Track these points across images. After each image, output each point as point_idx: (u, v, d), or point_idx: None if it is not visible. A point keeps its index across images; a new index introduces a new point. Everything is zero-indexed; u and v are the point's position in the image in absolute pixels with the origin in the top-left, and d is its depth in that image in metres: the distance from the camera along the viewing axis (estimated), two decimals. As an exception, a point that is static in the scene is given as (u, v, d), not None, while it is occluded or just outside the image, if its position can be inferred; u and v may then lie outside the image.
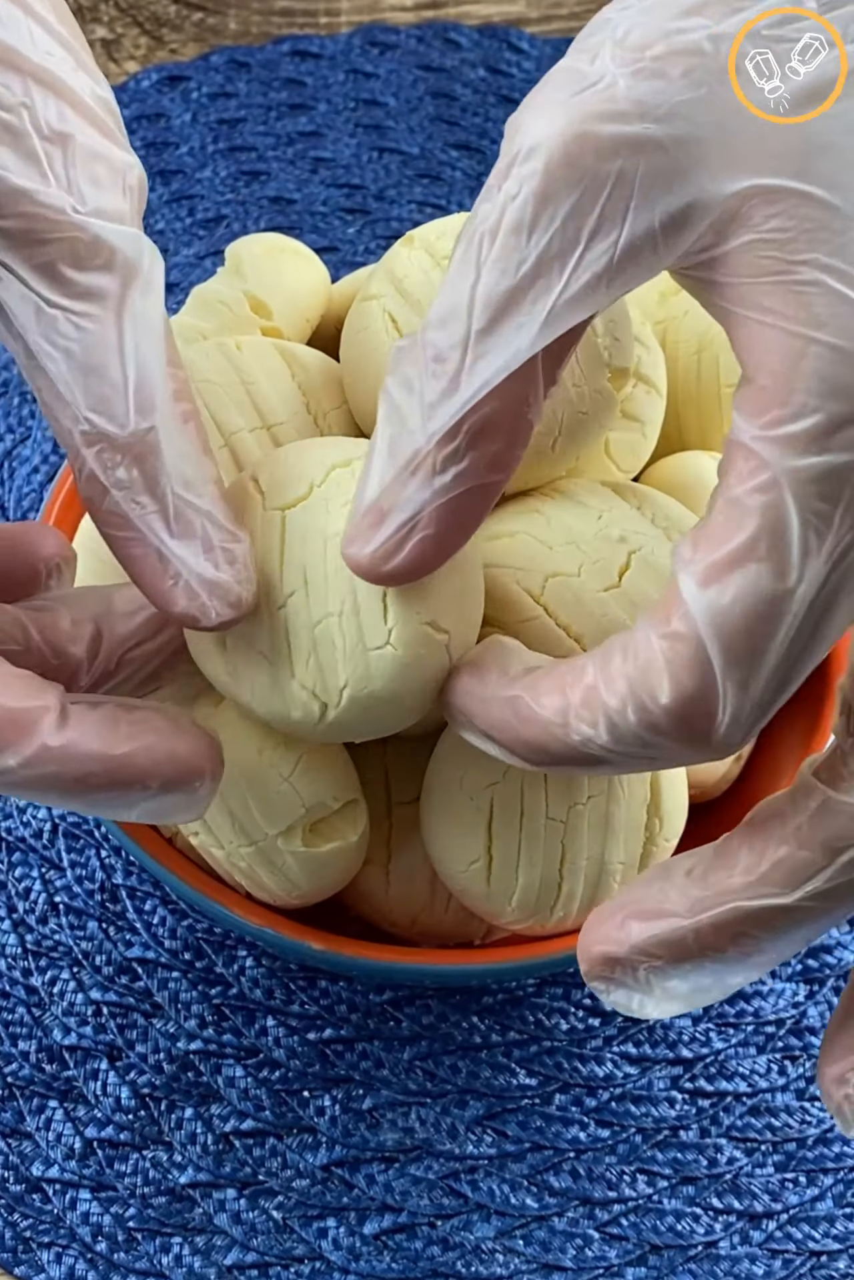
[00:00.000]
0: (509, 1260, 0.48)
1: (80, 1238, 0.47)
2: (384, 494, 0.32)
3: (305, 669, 0.35)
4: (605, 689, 0.31)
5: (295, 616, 0.35)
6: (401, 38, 0.77)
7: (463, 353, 0.31)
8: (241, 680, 0.36)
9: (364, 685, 0.35)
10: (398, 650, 0.35)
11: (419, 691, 0.36)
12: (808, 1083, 0.51)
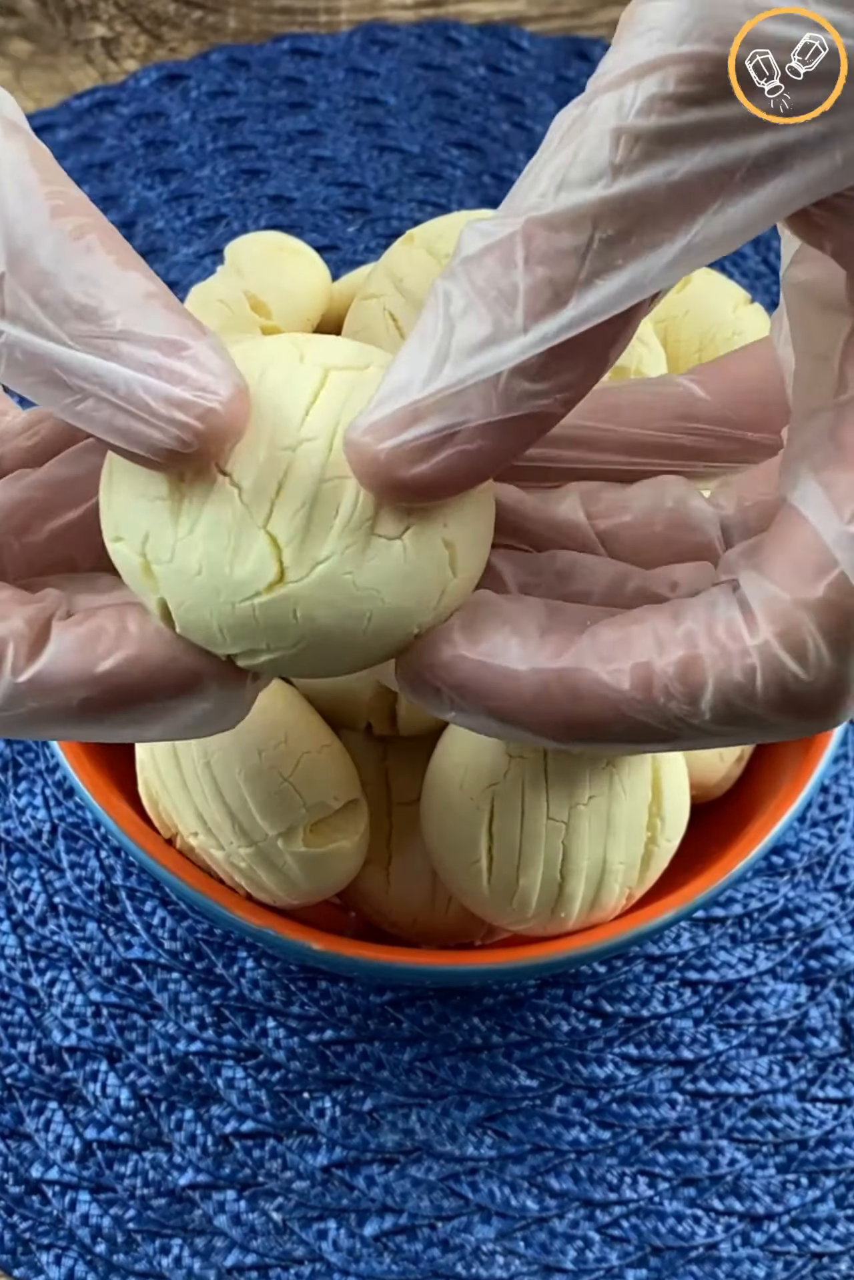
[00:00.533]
0: (509, 1262, 0.47)
1: (80, 1239, 0.47)
2: (428, 395, 0.27)
3: (287, 520, 0.28)
4: (720, 659, 0.28)
5: (304, 462, 0.29)
6: (402, 36, 0.77)
7: (581, 261, 0.26)
8: (185, 515, 0.29)
9: (347, 569, 0.28)
10: (408, 551, 0.29)
11: (390, 614, 0.29)
12: (809, 1084, 0.51)
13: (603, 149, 0.26)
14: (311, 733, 0.44)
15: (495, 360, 0.26)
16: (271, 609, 0.28)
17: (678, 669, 0.28)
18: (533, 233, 0.26)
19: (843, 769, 0.56)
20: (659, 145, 0.26)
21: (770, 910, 0.53)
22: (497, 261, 0.26)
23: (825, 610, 0.27)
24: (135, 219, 0.70)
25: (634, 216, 0.26)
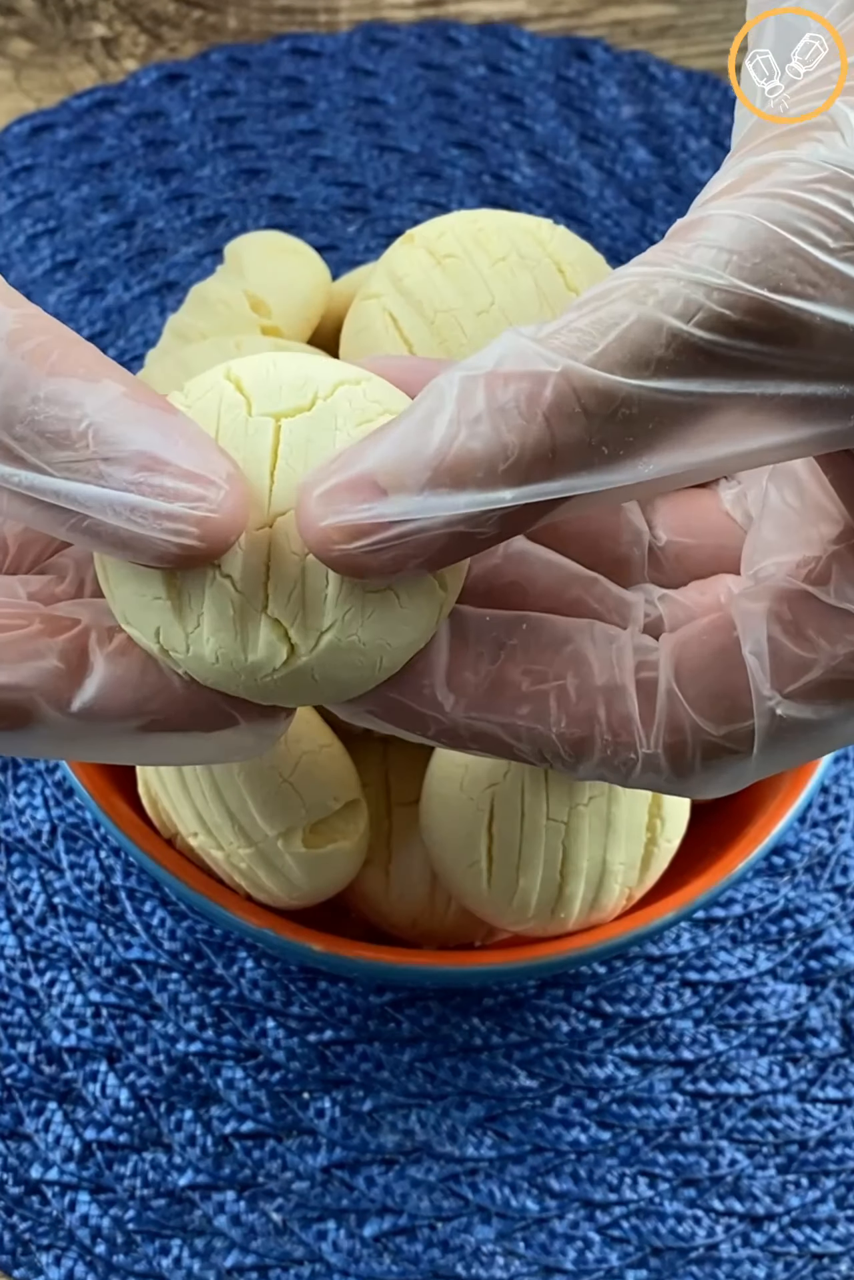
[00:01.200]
0: (509, 1263, 0.47)
1: (79, 1240, 0.47)
2: (396, 470, 0.26)
3: (284, 603, 0.29)
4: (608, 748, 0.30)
5: (284, 540, 0.29)
6: (402, 36, 0.77)
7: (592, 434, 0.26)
8: (189, 611, 0.29)
9: (351, 631, 0.29)
10: (401, 595, 0.29)
11: (400, 650, 0.30)
12: (810, 1084, 0.51)
13: (656, 340, 0.26)
14: (311, 733, 0.44)
15: (477, 502, 0.26)
16: (291, 680, 0.29)
17: (571, 744, 0.30)
18: (562, 383, 0.26)
19: (843, 769, 0.56)
20: (707, 362, 0.26)
21: (770, 910, 0.53)
22: (523, 393, 0.26)
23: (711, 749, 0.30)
24: (135, 219, 0.70)
25: (656, 418, 0.26)
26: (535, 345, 0.26)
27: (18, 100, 0.74)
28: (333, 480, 0.27)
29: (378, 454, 0.27)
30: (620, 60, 0.76)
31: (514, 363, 0.26)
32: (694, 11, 0.78)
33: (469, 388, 0.26)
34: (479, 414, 0.26)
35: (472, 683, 0.30)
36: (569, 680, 0.30)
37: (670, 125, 0.74)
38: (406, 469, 0.26)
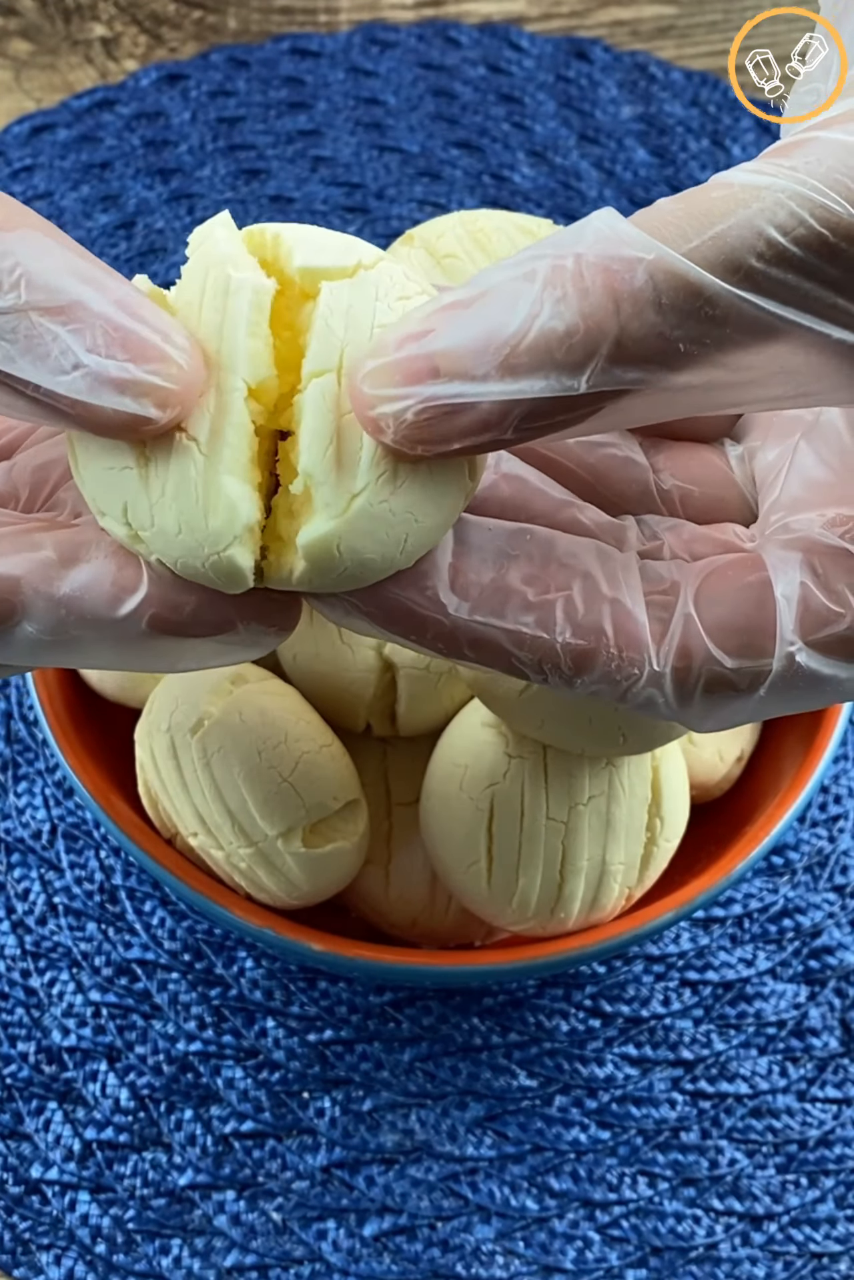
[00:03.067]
0: (509, 1262, 0.47)
1: (79, 1239, 0.47)
2: (468, 349, 0.26)
3: (319, 459, 0.28)
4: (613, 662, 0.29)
5: (319, 399, 0.28)
6: (401, 36, 0.77)
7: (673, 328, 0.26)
8: (155, 479, 0.29)
9: (382, 497, 0.28)
10: (433, 469, 0.28)
11: (424, 532, 0.29)
12: (809, 1084, 0.51)
13: (752, 247, 0.25)
14: (311, 733, 0.44)
15: (550, 387, 0.26)
16: (316, 549, 0.28)
17: (574, 656, 0.29)
18: (654, 271, 0.25)
19: (843, 769, 0.56)
20: (797, 280, 0.26)
21: (770, 910, 0.53)
22: (611, 275, 0.26)
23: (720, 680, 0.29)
24: (135, 219, 0.70)
25: (734, 326, 0.26)
26: (630, 228, 0.26)
27: (18, 100, 0.74)
28: (402, 351, 0.26)
29: (450, 331, 0.26)
30: (620, 60, 0.76)
31: (606, 245, 0.26)
32: (694, 12, 0.78)
33: (557, 267, 0.26)
34: (564, 294, 0.26)
35: (476, 586, 0.30)
36: (576, 591, 0.30)
37: (670, 125, 0.74)
38: (479, 348, 0.26)
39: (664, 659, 0.29)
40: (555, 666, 0.30)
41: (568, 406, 0.26)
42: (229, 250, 0.28)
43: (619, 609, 0.29)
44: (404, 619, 0.30)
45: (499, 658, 0.30)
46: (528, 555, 0.30)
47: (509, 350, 0.26)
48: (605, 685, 0.30)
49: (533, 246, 0.27)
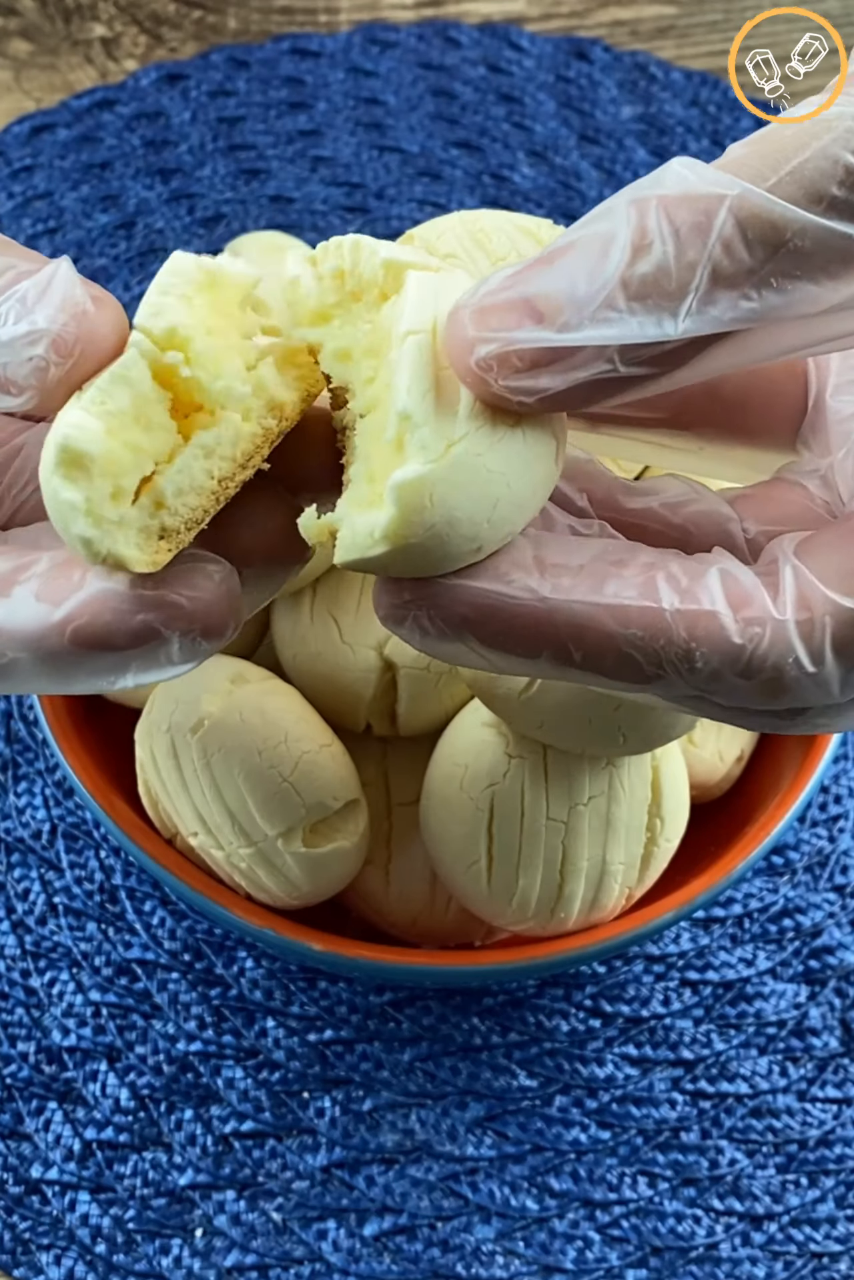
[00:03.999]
0: (509, 1262, 0.47)
1: (79, 1239, 0.47)
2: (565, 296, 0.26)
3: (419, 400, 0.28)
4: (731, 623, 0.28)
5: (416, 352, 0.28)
6: (401, 36, 0.77)
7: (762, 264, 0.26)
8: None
9: (479, 449, 0.28)
10: (527, 438, 0.28)
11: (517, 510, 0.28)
12: (809, 1084, 0.51)
13: (832, 175, 0.26)
14: (311, 733, 0.44)
15: (647, 332, 0.26)
16: (408, 492, 0.27)
17: (688, 624, 0.28)
18: (738, 208, 0.26)
19: (843, 769, 0.56)
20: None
21: (770, 910, 0.53)
22: (697, 213, 0.26)
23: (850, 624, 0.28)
24: (135, 219, 0.70)
25: (820, 259, 0.26)
26: (709, 169, 0.26)
27: (18, 100, 0.74)
28: (501, 296, 0.27)
29: (546, 279, 0.26)
30: (620, 60, 0.76)
31: (688, 186, 0.26)
32: (694, 12, 0.78)
33: (643, 210, 0.26)
34: (653, 239, 0.26)
35: (566, 570, 0.28)
36: (675, 567, 0.28)
37: (670, 125, 0.74)
38: (577, 295, 0.26)
39: (782, 609, 0.28)
40: (669, 641, 0.28)
41: (663, 351, 0.26)
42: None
43: (725, 575, 0.28)
44: (491, 616, 0.28)
45: (606, 646, 0.28)
46: (615, 547, 0.29)
47: (606, 294, 0.26)
48: (726, 659, 0.28)
49: (613, 197, 0.27)
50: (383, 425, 0.28)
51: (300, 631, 0.46)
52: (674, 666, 0.28)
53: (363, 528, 0.28)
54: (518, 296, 0.26)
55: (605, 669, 0.28)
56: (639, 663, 0.28)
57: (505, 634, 0.28)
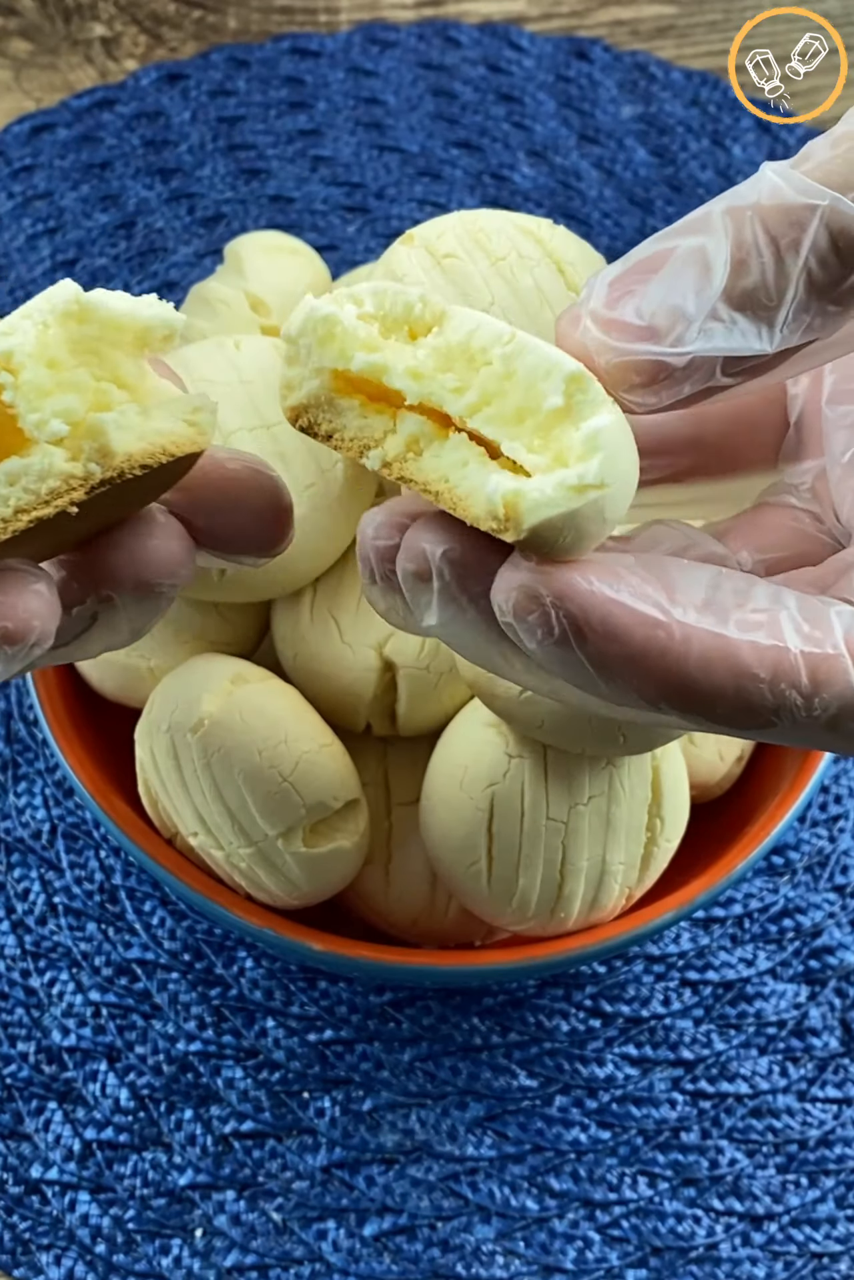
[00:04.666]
0: (509, 1262, 0.47)
1: (79, 1239, 0.47)
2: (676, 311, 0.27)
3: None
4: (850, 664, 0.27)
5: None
6: (402, 36, 0.77)
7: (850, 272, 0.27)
8: None
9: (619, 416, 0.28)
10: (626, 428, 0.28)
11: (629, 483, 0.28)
12: (809, 1084, 0.51)
13: None
14: (311, 733, 0.44)
15: (750, 343, 0.27)
16: (609, 435, 0.27)
17: (811, 669, 0.27)
18: (831, 219, 0.26)
19: (843, 769, 0.56)
20: None
21: (770, 910, 0.53)
22: (791, 225, 0.26)
23: None
24: (135, 219, 0.70)
25: None
26: (800, 176, 0.26)
27: (18, 100, 0.74)
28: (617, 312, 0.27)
29: (655, 292, 0.27)
30: (620, 60, 0.76)
31: (780, 195, 0.26)
32: (694, 11, 0.78)
33: (739, 222, 0.27)
34: (750, 251, 0.26)
35: (690, 603, 0.28)
36: (793, 606, 0.28)
37: (670, 125, 0.74)
38: (687, 310, 0.27)
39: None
40: (794, 684, 0.27)
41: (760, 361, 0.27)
42: None
43: (842, 615, 0.28)
44: (626, 633, 0.27)
45: (731, 687, 0.27)
46: (729, 575, 0.29)
47: (711, 308, 0.26)
48: (847, 706, 0.27)
49: (709, 204, 0.28)
50: (530, 401, 0.28)
51: (300, 631, 0.46)
52: (791, 712, 0.27)
53: (559, 483, 0.27)
54: (631, 319, 0.27)
55: (719, 713, 0.28)
56: (757, 706, 0.27)
57: (639, 653, 0.27)
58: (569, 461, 0.27)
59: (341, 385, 0.29)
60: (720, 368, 0.27)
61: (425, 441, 0.28)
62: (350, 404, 0.29)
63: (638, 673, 0.27)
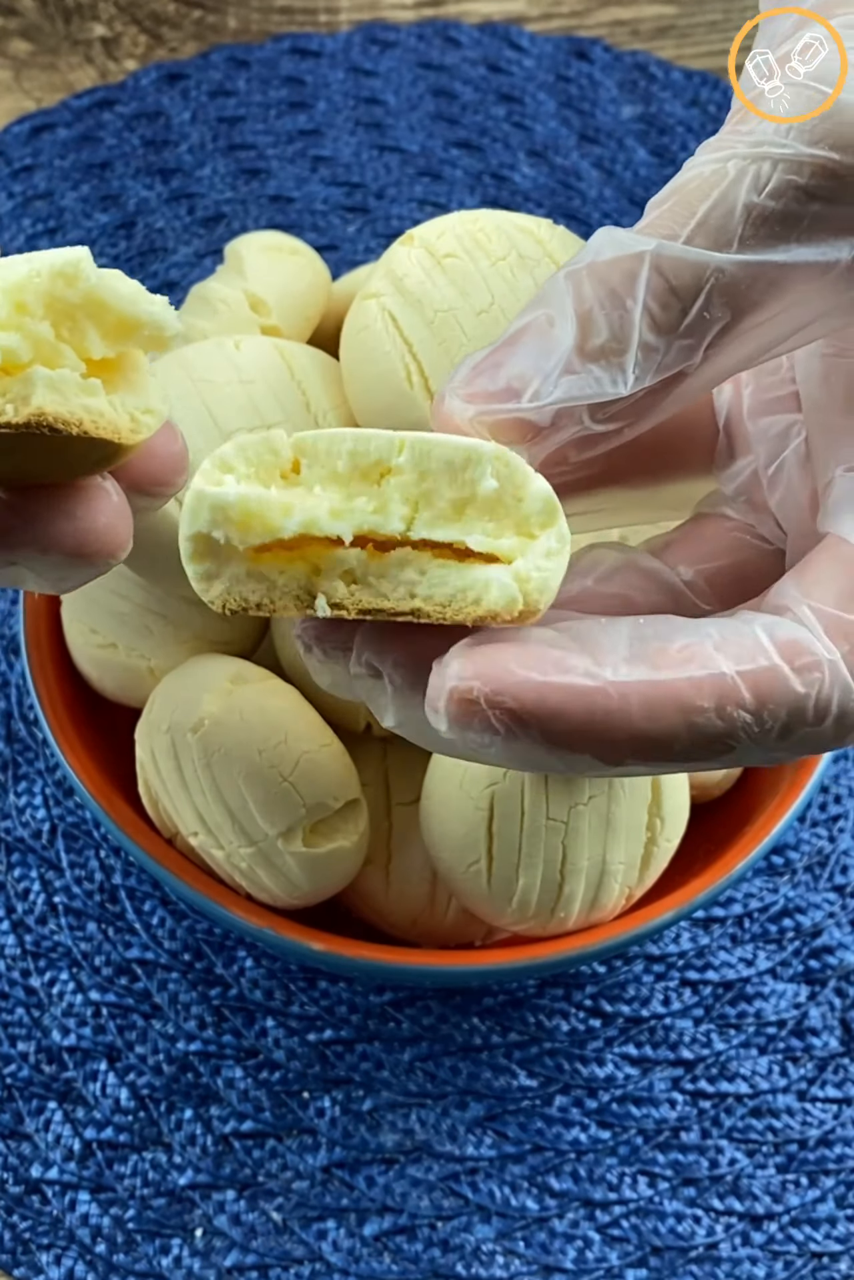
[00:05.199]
0: (509, 1262, 0.47)
1: (79, 1239, 0.47)
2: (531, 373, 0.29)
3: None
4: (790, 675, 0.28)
5: None
6: (402, 36, 0.77)
7: (686, 310, 0.28)
8: None
9: None
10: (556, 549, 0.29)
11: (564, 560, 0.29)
12: (809, 1084, 0.51)
13: (733, 219, 0.28)
14: (311, 733, 0.44)
15: (604, 390, 0.29)
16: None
17: (751, 684, 0.28)
18: (659, 262, 0.28)
19: (843, 769, 0.56)
20: (781, 227, 0.28)
21: (770, 910, 0.53)
22: (623, 275, 0.28)
23: None
24: (135, 219, 0.70)
25: (743, 287, 0.28)
26: (629, 233, 0.28)
27: (18, 100, 0.74)
28: (476, 386, 0.29)
29: (514, 360, 0.29)
30: (620, 60, 0.76)
31: (611, 251, 0.29)
32: (694, 11, 0.78)
33: (578, 282, 0.29)
34: (591, 304, 0.28)
35: (617, 655, 0.28)
36: (715, 633, 0.28)
37: (670, 125, 0.74)
38: (543, 368, 0.29)
39: (828, 649, 0.28)
40: (739, 704, 0.28)
41: (627, 405, 0.29)
42: None
43: (772, 628, 0.28)
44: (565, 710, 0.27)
45: (681, 726, 0.28)
46: (648, 621, 0.29)
47: (565, 363, 0.28)
48: (794, 711, 0.28)
49: (553, 273, 0.30)
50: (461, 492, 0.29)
51: (300, 631, 0.46)
52: (745, 731, 0.28)
53: (547, 553, 0.28)
54: (495, 385, 0.29)
55: (678, 752, 0.28)
56: (711, 735, 0.28)
57: (582, 722, 0.27)
58: (534, 531, 0.28)
59: (256, 554, 0.29)
60: (588, 415, 0.29)
61: (362, 569, 0.29)
62: (273, 567, 0.29)
63: (589, 742, 0.28)
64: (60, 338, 0.30)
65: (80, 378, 0.29)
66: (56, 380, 0.29)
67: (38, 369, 0.29)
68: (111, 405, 0.30)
